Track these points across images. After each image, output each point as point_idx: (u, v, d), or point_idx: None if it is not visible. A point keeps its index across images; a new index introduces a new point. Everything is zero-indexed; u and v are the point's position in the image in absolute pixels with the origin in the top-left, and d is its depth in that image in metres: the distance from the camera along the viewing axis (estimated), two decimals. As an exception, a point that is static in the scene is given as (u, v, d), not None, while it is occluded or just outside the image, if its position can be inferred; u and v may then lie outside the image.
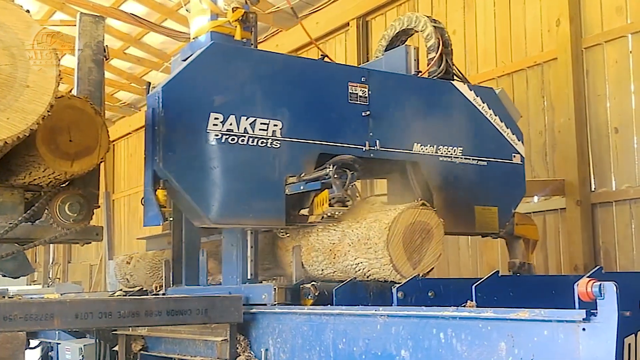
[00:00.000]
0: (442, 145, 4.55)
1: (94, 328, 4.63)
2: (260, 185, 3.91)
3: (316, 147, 4.10)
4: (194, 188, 3.77)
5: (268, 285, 3.83)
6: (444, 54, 4.90)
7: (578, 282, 2.21)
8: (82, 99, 3.78)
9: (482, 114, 4.75)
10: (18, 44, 3.20)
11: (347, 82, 4.27)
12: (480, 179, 4.69)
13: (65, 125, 3.59)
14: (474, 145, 4.69)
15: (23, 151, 3.54)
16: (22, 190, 3.86)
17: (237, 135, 3.87)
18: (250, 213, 3.87)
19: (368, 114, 4.28)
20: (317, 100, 4.17)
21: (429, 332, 2.73)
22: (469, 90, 4.73)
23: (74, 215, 3.85)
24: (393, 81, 4.55)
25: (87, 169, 3.70)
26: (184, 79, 3.86)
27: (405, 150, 4.41)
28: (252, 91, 3.95)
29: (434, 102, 4.61)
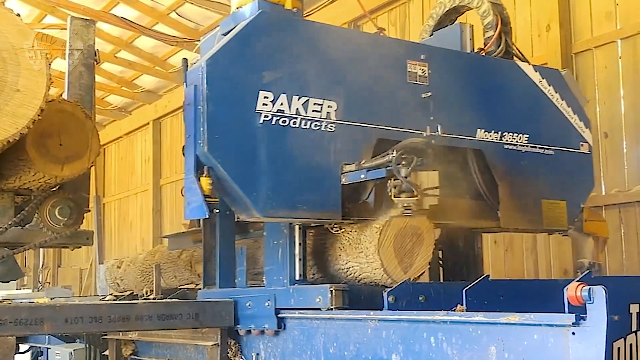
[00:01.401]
0: (507, 131, 4.13)
1: (84, 332, 4.62)
2: (314, 174, 3.50)
3: (374, 132, 3.67)
4: (242, 176, 3.36)
5: (323, 287, 3.40)
6: (503, 32, 4.47)
7: (567, 287, 2.22)
8: (72, 103, 3.78)
9: (548, 97, 4.34)
10: (8, 47, 3.19)
11: (406, 60, 3.83)
12: (547, 169, 4.28)
13: (56, 130, 3.59)
14: (541, 132, 4.28)
15: (13, 155, 3.53)
16: (12, 194, 3.85)
17: (289, 117, 3.46)
18: (303, 205, 3.45)
19: (429, 95, 3.85)
20: (375, 79, 3.74)
21: (419, 336, 2.74)
22: (534, 71, 4.31)
23: (64, 219, 3.84)
24: (455, 59, 4.13)
25: (78, 173, 3.69)
26: (230, 52, 3.42)
27: (468, 137, 3.98)
28: (304, 67, 3.54)
29: (498, 84, 4.21)
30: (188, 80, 3.56)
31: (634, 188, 6.07)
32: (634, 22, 6.15)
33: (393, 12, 8.71)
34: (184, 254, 5.20)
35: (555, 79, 4.40)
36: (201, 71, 3.39)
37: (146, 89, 13.16)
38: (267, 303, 3.63)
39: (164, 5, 10.25)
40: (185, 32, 10.73)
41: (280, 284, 3.66)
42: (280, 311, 3.58)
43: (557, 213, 4.32)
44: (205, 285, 4.26)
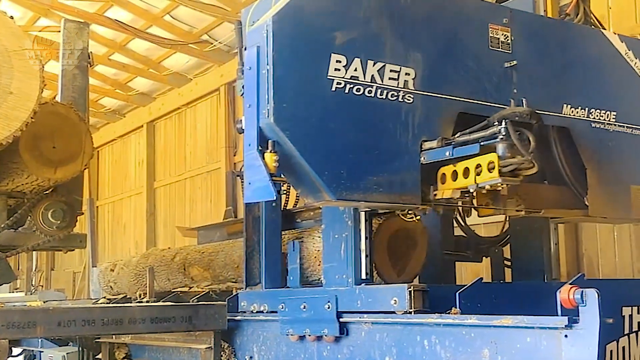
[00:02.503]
0: (594, 108, 3.67)
1: (77, 336, 4.60)
2: (392, 151, 3.07)
3: (455, 104, 3.24)
4: (313, 152, 2.93)
5: (400, 287, 3.02)
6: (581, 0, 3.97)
7: (560, 289, 2.22)
8: (66, 106, 3.77)
9: (636, 71, 3.89)
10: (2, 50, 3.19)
11: (488, 24, 3.41)
12: (636, 151, 3.83)
13: (49, 132, 3.58)
14: (629, 109, 3.82)
15: (6, 158, 3.53)
16: (4, 197, 3.84)
17: (364, 85, 3.03)
18: (380, 187, 3.01)
19: (514, 64, 3.42)
20: (455, 45, 3.33)
21: (413, 339, 2.74)
22: (620, 41, 3.84)
23: (57, 222, 3.83)
24: (539, 25, 3.68)
25: (71, 176, 3.69)
26: (299, 8, 2.99)
27: (555, 113, 3.52)
28: (379, 29, 3.13)
29: (584, 54, 3.76)
30: (250, 41, 3.11)
31: (626, 191, 6.08)
32: (627, 25, 6.16)
33: None
34: (178, 257, 5.19)
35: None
36: (266, 30, 2.95)
37: (140, 91, 13.14)
38: (326, 305, 3.27)
39: (157, 8, 10.24)
40: (179, 34, 10.73)
41: (343, 283, 3.29)
42: (342, 315, 3.21)
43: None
44: (247, 286, 3.95)
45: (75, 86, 4.20)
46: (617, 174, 3.71)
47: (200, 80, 12.15)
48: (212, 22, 10.37)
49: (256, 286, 3.87)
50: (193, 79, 12.29)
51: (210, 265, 4.80)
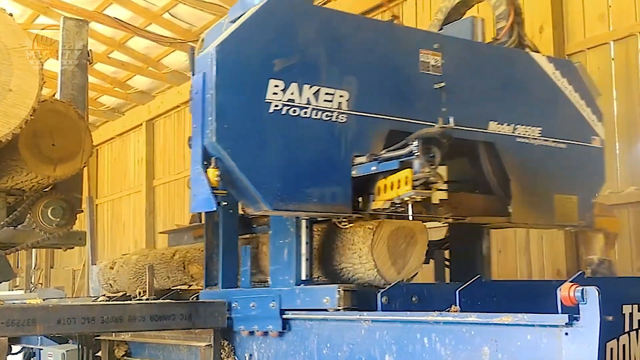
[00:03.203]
0: (520, 124, 4.00)
1: (77, 333, 4.60)
2: (324, 166, 3.39)
3: (386, 123, 3.54)
4: (251, 167, 3.23)
5: (331, 287, 3.33)
6: (515, 22, 4.36)
7: (561, 287, 2.22)
8: (65, 103, 3.77)
9: (562, 89, 4.21)
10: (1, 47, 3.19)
11: (419, 49, 3.71)
12: (560, 163, 4.16)
13: (48, 130, 3.58)
14: (554, 125, 4.15)
15: (5, 155, 3.53)
16: (4, 195, 3.84)
17: (300, 107, 3.33)
18: (313, 198, 3.33)
19: (442, 85, 3.72)
20: (387, 69, 3.63)
21: (413, 337, 2.74)
22: (547, 62, 4.20)
23: (56, 219, 3.83)
24: (469, 49, 4.03)
25: (70, 174, 3.69)
26: (240, 38, 3.29)
27: (481, 129, 3.86)
28: (315, 55, 3.42)
29: (512, 75, 4.10)
30: (196, 67, 3.43)
31: (626, 190, 6.09)
32: (626, 24, 6.16)
33: (386, 14, 8.71)
34: (177, 255, 5.18)
35: (569, 70, 4.28)
36: (210, 58, 3.25)
37: (139, 89, 13.14)
38: (271, 304, 3.56)
39: (157, 6, 10.23)
40: (178, 32, 10.72)
41: (286, 284, 3.58)
42: (285, 312, 3.51)
43: (569, 208, 4.19)
44: (207, 286, 4.20)
45: (74, 84, 4.20)
46: (540, 184, 4.02)
47: (200, 78, 12.09)
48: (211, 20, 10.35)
49: (215, 286, 4.14)
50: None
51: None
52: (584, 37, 6.48)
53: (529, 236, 6.80)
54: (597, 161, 4.37)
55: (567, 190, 4.17)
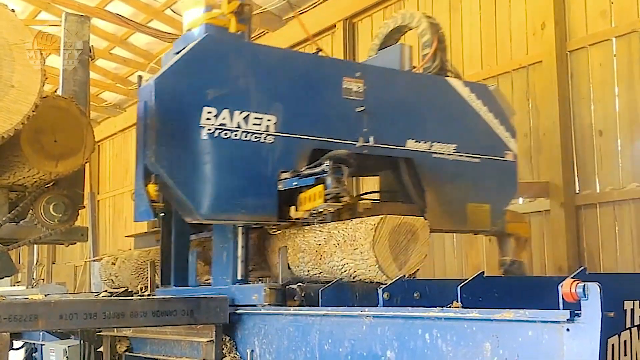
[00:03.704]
0: (435, 141, 4.46)
1: (79, 329, 4.61)
2: (252, 181, 3.84)
3: (309, 143, 4.02)
4: (185, 183, 3.68)
5: (259, 286, 3.77)
6: (438, 49, 4.84)
7: (562, 283, 2.22)
8: (67, 99, 3.77)
9: (476, 110, 4.67)
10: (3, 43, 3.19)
11: (342, 77, 4.17)
12: (473, 176, 4.61)
13: (50, 126, 3.58)
14: (468, 141, 4.61)
15: (7, 151, 3.53)
16: (6, 191, 3.84)
17: (230, 130, 3.79)
18: (242, 209, 3.79)
19: (362, 109, 4.17)
20: (312, 95, 4.08)
21: (414, 333, 2.74)
22: (463, 86, 4.66)
23: (58, 215, 3.84)
24: (388, 76, 4.46)
25: (72, 170, 3.69)
26: (177, 71, 3.75)
27: (399, 147, 4.32)
28: (246, 85, 3.87)
29: (429, 98, 4.55)
30: (140, 96, 3.91)
31: (628, 186, 6.09)
32: (628, 20, 6.16)
33: (388, 10, 8.72)
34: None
35: (483, 93, 4.74)
36: (151, 88, 3.72)
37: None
38: None
39: (158, 2, 10.23)
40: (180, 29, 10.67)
41: (224, 283, 4.01)
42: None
43: (481, 215, 4.61)
44: (162, 284, 4.56)
45: (76, 80, 4.20)
46: (454, 194, 4.44)
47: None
48: (213, 16, 10.35)
49: (169, 285, 4.50)
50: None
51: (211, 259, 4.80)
52: (586, 34, 6.48)
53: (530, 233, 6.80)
54: (509, 173, 4.81)
55: (480, 199, 4.65)
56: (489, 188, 4.63)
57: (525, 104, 6.99)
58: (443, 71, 4.83)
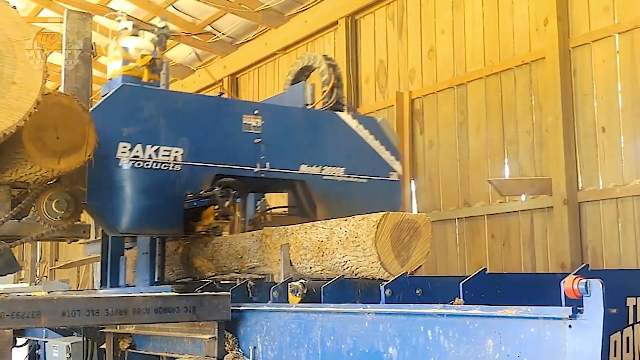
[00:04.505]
0: (326, 165, 5.23)
1: (81, 326, 4.62)
2: (162, 201, 4.54)
3: (213, 169, 4.75)
4: (105, 205, 4.36)
5: (167, 287, 4.54)
6: (335, 87, 5.61)
7: (564, 280, 2.22)
8: (69, 96, 3.76)
9: (363, 139, 5.43)
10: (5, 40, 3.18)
11: (242, 115, 4.94)
12: (360, 194, 5.34)
13: (52, 123, 3.57)
14: (355, 165, 5.37)
15: (9, 148, 3.52)
16: (8, 187, 3.84)
17: (143, 161, 4.47)
18: (153, 224, 4.54)
19: (260, 141, 4.95)
20: (215, 130, 4.83)
21: (416, 330, 2.74)
22: (352, 119, 5.44)
23: (61, 212, 3.84)
24: (283, 113, 5.26)
25: (74, 167, 3.68)
26: (97, 114, 4.17)
27: (292, 171, 5.11)
28: (156, 124, 4.55)
29: (320, 130, 5.33)
30: None
31: (631, 182, 6.08)
32: (631, 16, 6.14)
33: (391, 7, 8.71)
34: (181, 248, 5.20)
35: (371, 124, 5.51)
36: None
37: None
38: None
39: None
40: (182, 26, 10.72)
41: (145, 284, 4.76)
42: None
43: None
44: (101, 285, 5.29)
45: (78, 77, 4.20)
46: (343, 210, 4.75)
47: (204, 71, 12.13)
48: (215, 13, 10.36)
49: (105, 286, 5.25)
50: (196, 71, 12.29)
51: (214, 256, 4.81)
52: (589, 30, 6.47)
53: (533, 229, 6.80)
54: (394, 191, 5.55)
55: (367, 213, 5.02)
56: (375, 204, 4.95)
57: (527, 100, 6.98)
58: (339, 105, 5.59)
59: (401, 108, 8.26)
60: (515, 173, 7.05)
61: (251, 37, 10.84)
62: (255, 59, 10.93)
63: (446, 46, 7.92)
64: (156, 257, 4.78)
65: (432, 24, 8.12)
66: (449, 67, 7.87)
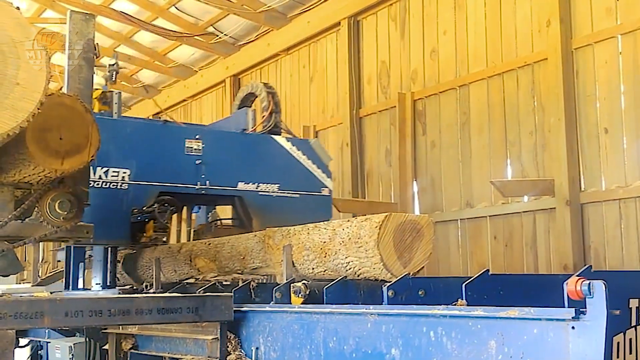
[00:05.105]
0: (262, 182, 5.87)
1: (84, 326, 4.62)
2: (111, 216, 5.11)
3: (157, 188, 5.37)
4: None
5: (116, 290, 5.07)
6: (273, 112, 6.22)
7: (567, 281, 2.22)
8: (72, 97, 3.76)
9: (297, 159, 6.07)
10: (8, 41, 3.18)
11: (184, 139, 5.58)
12: (294, 208, 5.96)
13: (56, 123, 3.57)
14: (289, 182, 6.00)
15: (13, 149, 3.52)
16: (11, 188, 3.84)
17: (93, 181, 4.96)
18: (104, 236, 4.96)
19: (200, 162, 5.59)
20: (159, 153, 5.43)
21: (419, 331, 2.74)
22: (286, 141, 6.10)
23: (64, 213, 3.83)
24: (222, 137, 5.99)
25: (78, 167, 3.68)
26: None
27: (230, 187, 5.75)
28: (106, 149, 4.63)
29: (256, 151, 5.97)
30: None
31: (633, 183, 6.08)
32: (634, 17, 6.14)
33: (393, 8, 8.71)
34: (184, 248, 5.20)
35: (304, 146, 6.18)
36: None
37: (146, 83, 13.15)
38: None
39: (163, 0, 10.23)
40: (184, 26, 10.73)
41: (97, 288, 5.24)
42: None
43: None
44: (65, 288, 5.66)
45: (81, 78, 4.20)
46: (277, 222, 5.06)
47: (206, 72, 12.16)
48: (217, 14, 10.36)
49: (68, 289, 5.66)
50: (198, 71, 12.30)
51: (217, 256, 4.82)
52: (591, 31, 6.47)
53: (535, 231, 6.80)
54: (325, 204, 6.18)
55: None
56: (308, 216, 5.36)
57: (530, 101, 6.98)
58: (277, 128, 6.23)
59: (403, 109, 8.27)
60: (518, 174, 7.05)
61: (253, 38, 10.85)
62: (258, 60, 10.95)
63: (448, 47, 7.92)
64: (108, 263, 5.29)
65: (434, 24, 8.13)
66: (451, 68, 7.88)
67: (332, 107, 9.66)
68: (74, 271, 5.68)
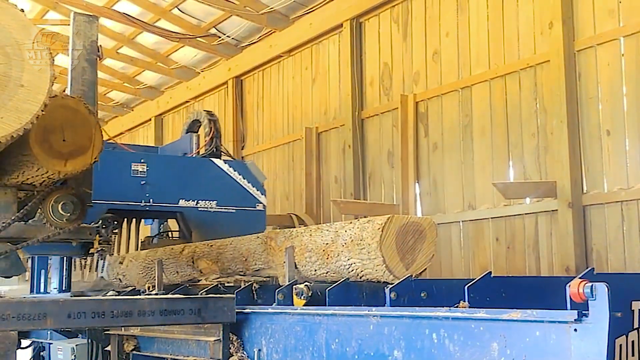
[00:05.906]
0: (201, 200, 6.64)
1: (87, 328, 4.62)
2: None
3: (105, 205, 6.06)
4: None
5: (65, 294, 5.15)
6: (214, 137, 7.14)
7: (570, 283, 2.22)
8: (75, 99, 3.77)
9: (233, 178, 6.85)
10: (12, 43, 3.19)
11: (131, 162, 6.36)
12: (230, 221, 6.66)
13: (59, 125, 3.58)
14: (226, 199, 6.77)
15: (16, 150, 3.53)
16: (15, 190, 3.85)
17: None
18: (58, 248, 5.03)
19: (145, 182, 6.38)
20: (108, 174, 5.71)
21: (421, 333, 2.74)
22: (224, 163, 6.89)
23: (67, 214, 3.84)
24: (165, 160, 6.92)
25: (81, 169, 3.69)
26: None
27: (172, 204, 6.55)
28: None
29: (196, 172, 6.74)
30: None
31: (636, 185, 6.07)
32: (636, 19, 6.14)
33: (395, 10, 8.72)
34: (186, 250, 5.21)
35: (240, 167, 6.99)
36: None
37: (148, 85, 13.17)
38: None
39: (166, 2, 10.25)
40: (187, 28, 10.74)
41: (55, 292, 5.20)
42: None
43: None
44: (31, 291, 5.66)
45: (84, 79, 4.21)
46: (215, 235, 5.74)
47: (208, 73, 12.16)
48: (220, 15, 10.37)
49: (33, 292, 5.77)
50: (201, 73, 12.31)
51: (219, 258, 4.82)
52: (594, 33, 6.47)
53: (538, 233, 6.80)
54: (259, 218, 6.94)
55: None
56: (243, 229, 5.73)
57: (532, 103, 6.98)
58: (218, 152, 7.10)
59: (405, 111, 8.27)
60: (520, 176, 7.05)
61: (256, 40, 10.86)
62: (260, 62, 10.96)
63: (451, 49, 7.93)
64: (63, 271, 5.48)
65: (436, 26, 8.14)
66: (453, 70, 7.88)
67: (334, 109, 9.67)
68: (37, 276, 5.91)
